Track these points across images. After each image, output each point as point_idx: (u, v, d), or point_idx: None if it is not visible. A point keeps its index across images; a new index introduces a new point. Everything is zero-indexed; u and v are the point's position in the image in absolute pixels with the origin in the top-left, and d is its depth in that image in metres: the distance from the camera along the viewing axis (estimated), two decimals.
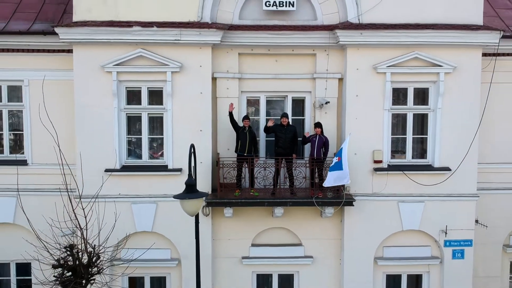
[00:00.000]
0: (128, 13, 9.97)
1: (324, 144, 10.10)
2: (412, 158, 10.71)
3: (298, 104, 10.91)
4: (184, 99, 10.18)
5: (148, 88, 10.33)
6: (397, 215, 10.53)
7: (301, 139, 10.46)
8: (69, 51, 10.27)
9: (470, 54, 10.24)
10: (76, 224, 7.99)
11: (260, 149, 10.85)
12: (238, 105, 10.56)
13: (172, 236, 10.42)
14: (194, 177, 7.77)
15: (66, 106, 10.39)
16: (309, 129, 10.65)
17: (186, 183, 7.47)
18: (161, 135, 10.49)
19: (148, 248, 9.77)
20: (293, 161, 10.21)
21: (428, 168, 10.53)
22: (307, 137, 10.35)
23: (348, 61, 10.24)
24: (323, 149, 10.11)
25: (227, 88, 10.46)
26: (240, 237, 10.67)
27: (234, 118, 10.06)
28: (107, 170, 10.04)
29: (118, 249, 9.37)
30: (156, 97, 10.43)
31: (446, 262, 10.70)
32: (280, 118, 10.24)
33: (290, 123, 10.30)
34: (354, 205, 10.15)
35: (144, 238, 10.26)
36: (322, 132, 10.16)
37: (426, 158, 10.66)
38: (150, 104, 10.41)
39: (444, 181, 10.38)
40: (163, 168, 10.36)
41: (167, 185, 10.14)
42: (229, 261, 10.73)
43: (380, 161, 10.40)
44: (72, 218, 8.01)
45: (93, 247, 8.20)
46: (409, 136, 10.64)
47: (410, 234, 10.69)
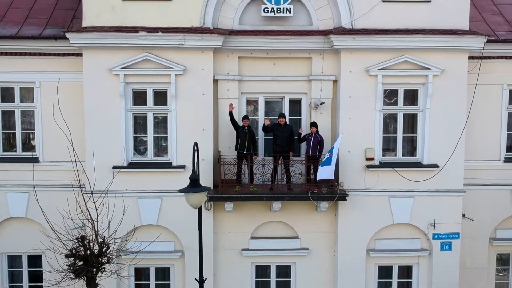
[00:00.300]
0: (134, 18, 10.34)
1: (319, 142, 10.49)
2: (403, 155, 11.07)
3: (295, 105, 11.30)
4: (187, 100, 10.57)
5: (153, 89, 10.74)
6: (388, 210, 10.92)
7: (297, 137, 10.82)
8: (78, 54, 10.65)
9: (457, 58, 10.63)
10: (88, 217, 8.44)
11: (259, 147, 11.20)
12: (238, 105, 10.94)
13: (176, 229, 10.81)
14: (197, 173, 8.25)
15: (75, 106, 10.72)
16: (305, 128, 11.01)
17: (190, 178, 7.93)
18: (166, 134, 10.87)
19: (153, 241, 10.10)
20: (290, 159, 10.56)
21: (418, 165, 10.92)
22: (302, 135, 10.69)
23: (342, 64, 10.64)
24: (318, 147, 10.50)
25: (228, 90, 10.85)
26: (240, 230, 11.06)
27: (234, 117, 10.39)
28: (115, 167, 10.47)
29: (127, 240, 9.73)
30: (161, 98, 10.81)
31: (435, 254, 11.10)
32: (277, 118, 10.60)
33: (287, 123, 10.67)
34: (347, 200, 10.54)
35: (149, 231, 10.64)
36: (317, 131, 10.55)
37: (416, 156, 11.04)
38: (155, 104, 10.79)
39: (433, 177, 10.78)
40: (167, 165, 10.76)
41: (171, 181, 10.50)
42: (230, 253, 11.11)
43: (372, 159, 10.80)
44: (84, 211, 8.49)
45: (103, 238, 8.67)
46: (399, 135, 11.01)
47: (400, 227, 11.08)
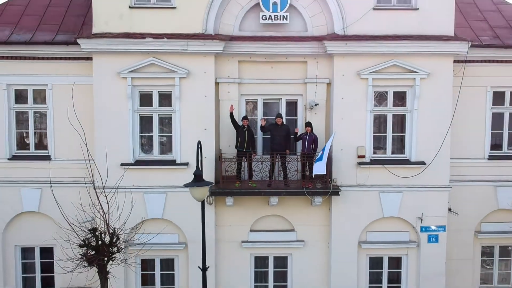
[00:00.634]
0: (141, 25, 10.96)
1: (314, 141, 11.11)
2: (392, 153, 11.70)
3: (291, 106, 11.89)
4: (190, 101, 11.18)
5: (158, 91, 11.35)
6: (379, 204, 11.54)
7: (293, 136, 11.45)
8: (88, 58, 11.24)
9: (442, 62, 11.25)
10: (99, 210, 9.09)
11: (258, 146, 11.77)
12: (238, 106, 11.53)
13: (179, 222, 11.42)
14: (201, 169, 8.88)
15: (85, 107, 11.15)
16: (300, 128, 11.61)
17: (194, 173, 8.52)
18: (170, 133, 11.47)
19: (159, 233, 10.75)
20: (287, 156, 11.18)
21: (406, 162, 11.54)
22: (298, 134, 11.31)
23: (335, 68, 11.25)
24: (313, 146, 11.11)
25: (228, 92, 11.45)
26: (240, 224, 11.65)
27: (234, 118, 10.99)
28: (123, 164, 11.08)
29: (135, 231, 10.30)
30: (166, 99, 11.42)
31: (423, 245, 11.71)
32: (275, 118, 11.22)
33: (284, 123, 11.29)
34: (340, 195, 11.16)
35: (155, 224, 11.21)
36: (312, 130, 11.15)
37: (404, 153, 11.67)
38: (160, 106, 11.39)
39: (420, 174, 11.40)
40: (172, 162, 11.38)
41: (175, 177, 11.04)
42: (230, 244, 11.71)
43: (363, 156, 11.40)
44: (96, 205, 9.15)
45: (114, 229, 9.35)
46: (389, 134, 11.63)
47: (390, 220, 11.70)
